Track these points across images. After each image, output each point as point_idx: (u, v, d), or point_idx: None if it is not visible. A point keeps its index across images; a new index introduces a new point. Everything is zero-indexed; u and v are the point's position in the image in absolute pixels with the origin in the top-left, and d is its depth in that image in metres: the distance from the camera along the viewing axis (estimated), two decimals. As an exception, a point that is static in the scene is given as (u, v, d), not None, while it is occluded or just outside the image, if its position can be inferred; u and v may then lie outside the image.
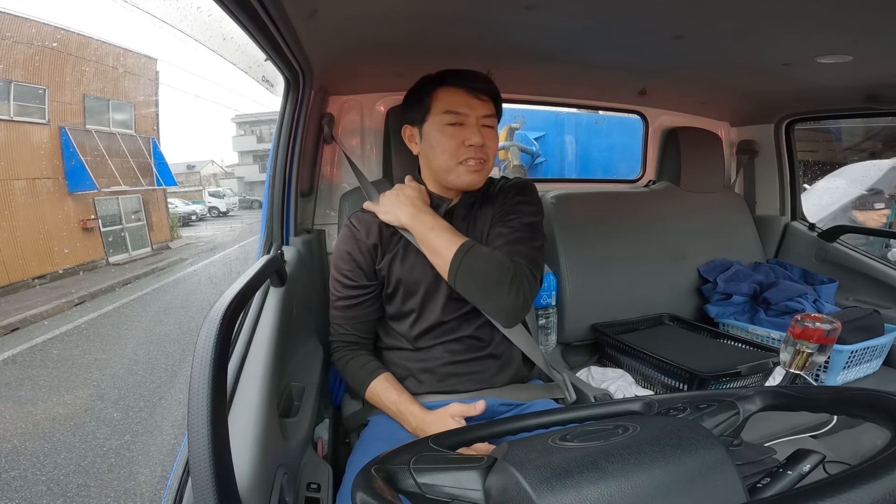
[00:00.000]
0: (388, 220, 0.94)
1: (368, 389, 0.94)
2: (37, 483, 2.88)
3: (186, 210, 16.89)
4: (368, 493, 0.40)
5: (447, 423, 0.84)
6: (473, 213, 1.00)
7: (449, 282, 0.90)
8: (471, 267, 0.87)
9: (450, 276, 0.89)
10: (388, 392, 0.93)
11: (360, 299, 0.98)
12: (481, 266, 0.88)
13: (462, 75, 0.93)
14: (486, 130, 0.93)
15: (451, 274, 0.88)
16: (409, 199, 0.94)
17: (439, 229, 0.90)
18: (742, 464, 0.44)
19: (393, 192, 0.97)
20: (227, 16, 0.67)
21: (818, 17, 0.86)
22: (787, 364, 1.01)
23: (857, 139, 5.95)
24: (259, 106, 27.71)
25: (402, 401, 0.91)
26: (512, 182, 1.03)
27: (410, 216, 0.92)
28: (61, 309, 6.77)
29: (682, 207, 1.63)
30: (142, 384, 4.21)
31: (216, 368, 0.43)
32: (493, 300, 0.90)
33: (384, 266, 0.96)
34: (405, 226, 0.93)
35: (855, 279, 1.56)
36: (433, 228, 0.90)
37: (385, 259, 0.96)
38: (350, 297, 0.98)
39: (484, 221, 0.99)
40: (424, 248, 0.92)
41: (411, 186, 0.97)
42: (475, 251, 0.89)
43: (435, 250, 0.90)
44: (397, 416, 0.91)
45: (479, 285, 0.89)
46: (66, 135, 9.03)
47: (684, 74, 1.33)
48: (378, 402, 0.94)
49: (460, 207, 0.99)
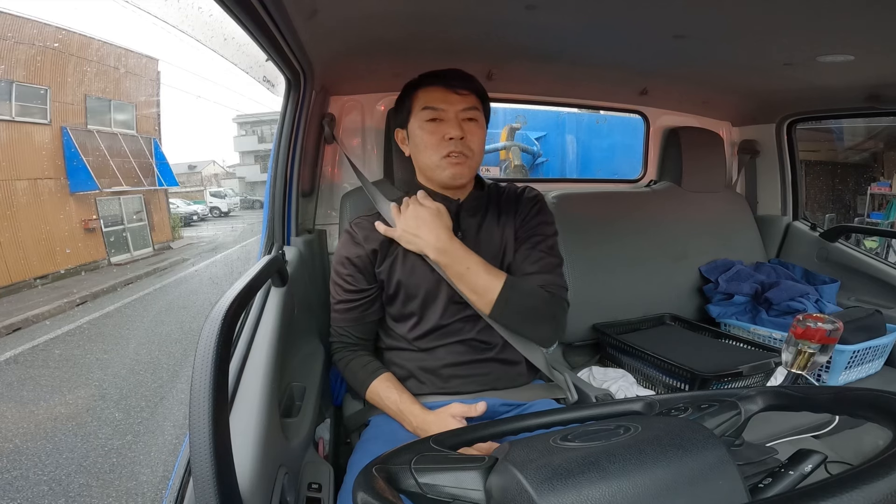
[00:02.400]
0: (413, 250, 0.92)
1: (369, 389, 0.94)
2: (39, 483, 2.89)
3: (188, 210, 16.92)
4: (370, 493, 0.40)
5: (448, 424, 0.84)
6: (481, 215, 1.00)
7: (491, 317, 0.92)
8: (517, 304, 0.91)
9: (493, 313, 0.91)
10: (388, 392, 0.93)
11: (360, 302, 0.98)
12: (527, 303, 0.92)
13: (439, 74, 0.95)
14: (468, 124, 0.93)
15: (496, 311, 0.90)
16: (431, 227, 0.90)
17: (475, 266, 0.90)
18: (744, 464, 0.44)
19: (410, 214, 0.92)
20: (228, 16, 0.67)
21: (819, 16, 0.86)
22: (788, 364, 1.01)
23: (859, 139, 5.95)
24: (260, 106, 27.78)
25: (402, 400, 0.91)
26: (525, 193, 1.04)
27: (440, 252, 0.89)
28: (63, 309, 6.79)
29: (684, 207, 1.63)
30: (143, 384, 4.22)
31: (218, 368, 0.43)
32: (537, 332, 0.96)
33: (384, 270, 0.96)
34: (435, 261, 0.91)
35: (857, 279, 1.56)
36: (469, 268, 0.90)
37: (385, 263, 0.96)
38: (350, 300, 0.98)
39: (496, 228, 0.99)
40: (461, 286, 0.91)
41: (428, 207, 0.92)
42: (517, 288, 0.91)
43: (474, 289, 0.91)
44: (398, 415, 0.91)
45: (523, 320, 0.93)
46: (68, 135, 9.05)
47: (685, 74, 1.33)
48: (378, 402, 0.94)
49: (467, 207, 0.99)
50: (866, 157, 6.82)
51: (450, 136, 0.91)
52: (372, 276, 0.97)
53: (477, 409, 0.87)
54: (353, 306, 0.98)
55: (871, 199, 6.44)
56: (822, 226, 1.70)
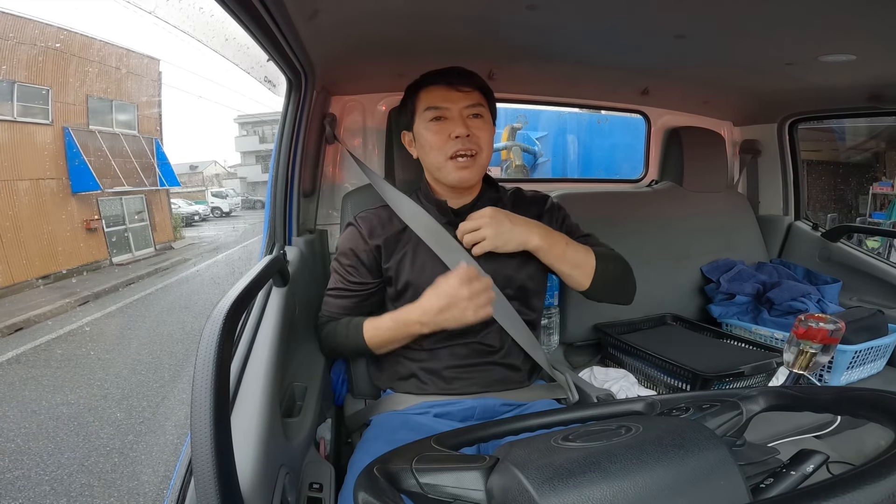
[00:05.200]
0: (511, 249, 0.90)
1: (364, 331, 0.92)
2: (40, 483, 2.90)
3: (189, 210, 16.97)
4: (370, 493, 0.40)
5: (454, 289, 0.83)
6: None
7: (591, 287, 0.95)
8: (611, 268, 0.98)
9: (594, 283, 0.95)
10: (380, 321, 0.91)
11: (357, 294, 0.98)
12: (617, 266, 0.99)
13: (441, 72, 0.94)
14: (474, 121, 0.93)
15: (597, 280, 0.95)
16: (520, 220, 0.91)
17: (570, 241, 0.95)
18: (745, 464, 0.44)
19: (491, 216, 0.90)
20: (230, 16, 0.67)
21: (821, 16, 0.86)
22: (790, 364, 1.01)
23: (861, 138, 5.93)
24: (261, 106, 27.81)
25: (394, 315, 0.90)
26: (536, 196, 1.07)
27: (544, 237, 0.91)
28: (65, 309, 6.82)
29: (685, 207, 1.62)
30: (145, 384, 4.23)
31: (219, 368, 0.43)
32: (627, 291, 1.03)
33: (392, 266, 0.96)
34: (538, 247, 0.91)
35: (859, 279, 1.55)
36: (567, 244, 0.94)
37: (393, 259, 0.96)
38: (347, 290, 0.98)
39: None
40: (561, 265, 0.93)
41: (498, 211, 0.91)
42: (601, 254, 0.97)
43: (576, 264, 0.94)
44: (401, 327, 0.89)
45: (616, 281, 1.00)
46: (70, 135, 9.08)
47: (687, 74, 1.33)
48: (378, 335, 0.92)
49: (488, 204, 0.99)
50: (868, 156, 6.82)
51: (455, 134, 0.91)
52: (376, 272, 0.97)
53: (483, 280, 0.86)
54: (349, 296, 0.98)
55: (872, 198, 6.44)
56: (823, 226, 1.69)
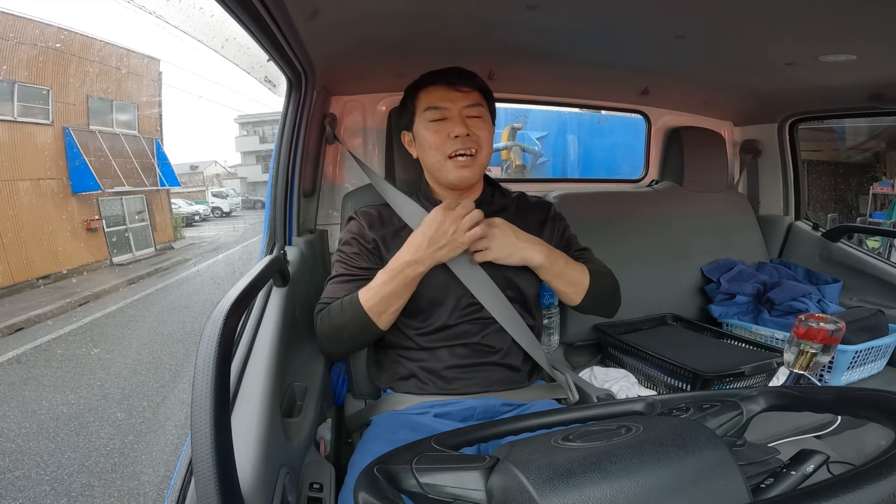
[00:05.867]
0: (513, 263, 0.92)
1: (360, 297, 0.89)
2: (41, 483, 2.90)
3: (190, 210, 16.98)
4: (371, 493, 0.40)
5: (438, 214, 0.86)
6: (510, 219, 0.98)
7: (582, 303, 0.98)
8: (603, 286, 1.00)
9: (586, 299, 0.98)
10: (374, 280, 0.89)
11: (360, 277, 0.94)
12: (606, 283, 1.02)
13: (441, 72, 0.95)
14: (473, 121, 0.93)
15: (590, 296, 0.97)
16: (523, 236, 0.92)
17: (569, 260, 0.96)
18: (745, 464, 0.44)
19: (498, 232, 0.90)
20: (230, 17, 0.67)
21: (821, 15, 0.86)
22: (790, 364, 1.01)
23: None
24: (262, 106, 27.81)
25: (386, 266, 0.89)
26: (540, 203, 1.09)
27: (547, 256, 0.92)
28: (65, 309, 6.82)
29: (686, 207, 1.62)
30: (145, 384, 4.23)
31: (219, 368, 0.43)
32: (613, 305, 1.07)
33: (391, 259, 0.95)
34: (539, 266, 0.92)
35: (859, 279, 1.55)
36: (567, 262, 0.95)
37: (392, 253, 0.94)
38: (350, 274, 0.95)
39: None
40: (558, 282, 0.95)
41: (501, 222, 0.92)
42: (595, 271, 0.99)
43: (572, 282, 0.96)
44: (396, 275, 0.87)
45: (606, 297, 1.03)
46: (70, 135, 9.08)
47: (687, 74, 1.33)
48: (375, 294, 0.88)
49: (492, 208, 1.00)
50: (868, 156, 6.81)
51: (455, 133, 0.91)
52: (378, 260, 0.96)
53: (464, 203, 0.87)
54: (352, 279, 0.94)
55: (873, 198, 6.43)
56: (824, 226, 1.69)
